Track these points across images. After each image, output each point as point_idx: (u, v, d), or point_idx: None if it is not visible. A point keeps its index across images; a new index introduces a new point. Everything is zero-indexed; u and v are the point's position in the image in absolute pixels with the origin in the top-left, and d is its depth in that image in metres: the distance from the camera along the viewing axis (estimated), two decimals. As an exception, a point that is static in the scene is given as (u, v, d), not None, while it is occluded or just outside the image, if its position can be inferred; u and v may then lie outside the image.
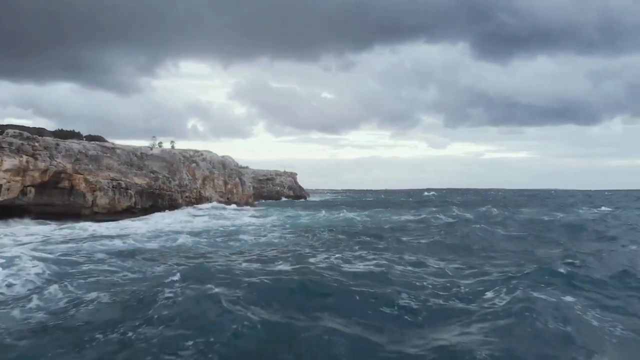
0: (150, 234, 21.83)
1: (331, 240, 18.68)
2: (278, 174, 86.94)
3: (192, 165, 38.75)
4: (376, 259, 13.46)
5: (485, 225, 23.69)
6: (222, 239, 19.98)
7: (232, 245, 18.08)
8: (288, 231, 23.05)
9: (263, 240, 19.41)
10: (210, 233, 22.14)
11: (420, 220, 28.95)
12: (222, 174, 40.13)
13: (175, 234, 20.84)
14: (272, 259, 13.78)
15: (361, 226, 26.07)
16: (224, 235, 21.09)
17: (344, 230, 22.18)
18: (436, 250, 16.33)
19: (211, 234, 21.64)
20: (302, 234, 21.09)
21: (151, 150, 36.97)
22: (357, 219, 30.51)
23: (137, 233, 22.18)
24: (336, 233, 20.81)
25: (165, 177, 36.88)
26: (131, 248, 16.82)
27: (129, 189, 34.53)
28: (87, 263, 13.33)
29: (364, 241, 18.16)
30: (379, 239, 18.94)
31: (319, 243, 17.91)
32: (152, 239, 19.71)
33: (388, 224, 27.00)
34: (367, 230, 23.02)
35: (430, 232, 22.54)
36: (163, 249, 17.06)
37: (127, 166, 35.42)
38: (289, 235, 21.01)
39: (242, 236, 20.24)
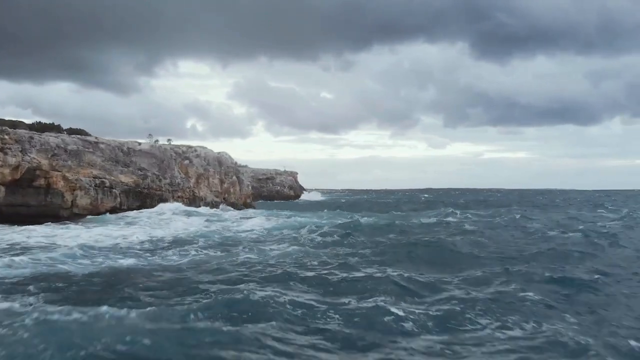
0: (82, 252, 14.82)
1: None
2: (278, 173, 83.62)
3: (185, 162, 35.28)
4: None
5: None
6: (219, 251, 16.37)
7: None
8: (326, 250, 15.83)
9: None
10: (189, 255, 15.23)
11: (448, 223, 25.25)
12: (218, 172, 36.68)
13: (121, 255, 14.78)
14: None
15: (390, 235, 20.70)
16: (222, 246, 17.43)
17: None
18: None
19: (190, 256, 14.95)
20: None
21: (139, 145, 33.49)
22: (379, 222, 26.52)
23: (66, 245, 16.20)
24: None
25: (155, 175, 33.41)
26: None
27: (113, 188, 31.05)
28: None
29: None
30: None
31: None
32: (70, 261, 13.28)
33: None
34: (396, 228, 19.60)
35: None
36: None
37: (112, 163, 31.94)
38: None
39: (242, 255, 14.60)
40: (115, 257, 14.38)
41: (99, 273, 11.72)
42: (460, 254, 14.64)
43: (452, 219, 26.81)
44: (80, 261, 13.35)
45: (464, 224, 24.51)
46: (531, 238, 18.80)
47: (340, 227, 22.23)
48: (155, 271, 12.09)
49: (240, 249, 16.13)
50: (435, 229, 22.43)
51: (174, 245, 17.32)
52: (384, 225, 23.52)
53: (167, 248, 16.60)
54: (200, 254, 15.15)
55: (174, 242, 18.19)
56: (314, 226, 22.59)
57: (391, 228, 22.19)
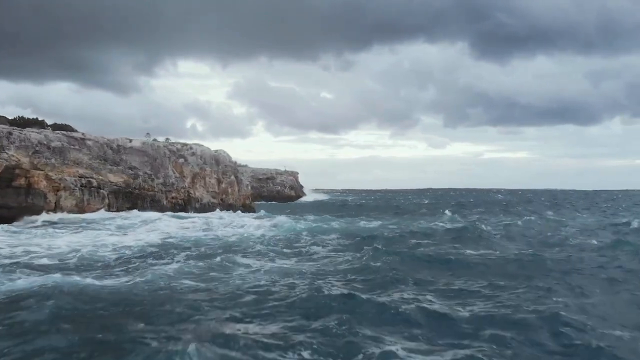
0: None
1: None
2: (279, 173, 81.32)
3: (179, 160, 32.95)
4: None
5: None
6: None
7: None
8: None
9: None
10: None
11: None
12: (215, 171, 34.34)
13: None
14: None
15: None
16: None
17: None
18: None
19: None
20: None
21: (130, 142, 31.16)
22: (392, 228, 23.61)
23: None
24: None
25: (147, 175, 31.10)
26: None
27: (101, 188, 28.73)
28: None
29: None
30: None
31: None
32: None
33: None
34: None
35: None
36: None
37: (101, 161, 29.63)
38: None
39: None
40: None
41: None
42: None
43: (485, 227, 23.44)
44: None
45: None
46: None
47: (354, 237, 19.50)
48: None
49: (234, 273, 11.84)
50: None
51: (138, 260, 13.93)
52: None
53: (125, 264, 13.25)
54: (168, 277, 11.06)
55: (143, 256, 14.72)
56: (334, 235, 19.62)
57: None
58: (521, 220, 28.05)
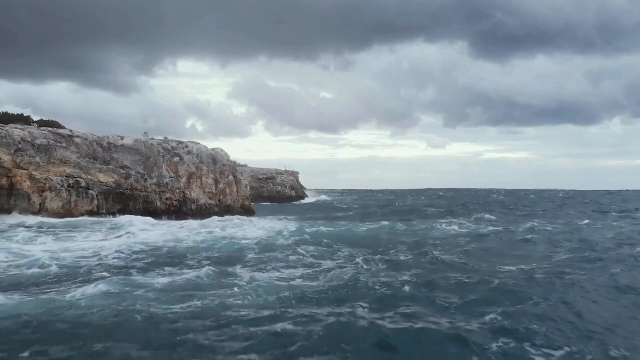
0: None
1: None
2: (279, 173, 79.49)
3: (174, 159, 31.08)
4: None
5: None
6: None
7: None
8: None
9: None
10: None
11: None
12: (212, 171, 32.46)
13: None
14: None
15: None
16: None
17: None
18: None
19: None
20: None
21: (122, 140, 29.30)
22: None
23: None
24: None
25: (140, 174, 29.24)
26: None
27: (90, 189, 26.88)
28: None
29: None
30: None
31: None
32: None
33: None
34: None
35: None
36: None
37: (90, 160, 27.78)
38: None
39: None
40: None
41: None
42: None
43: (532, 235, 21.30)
44: None
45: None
46: None
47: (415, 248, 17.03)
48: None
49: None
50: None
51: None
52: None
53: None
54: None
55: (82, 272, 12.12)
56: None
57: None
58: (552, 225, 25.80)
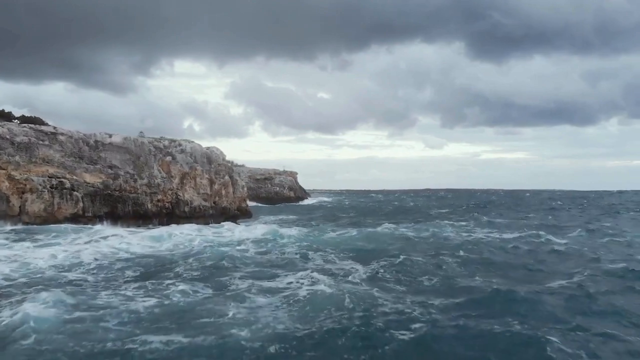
0: None
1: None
2: (277, 173, 77.71)
3: (166, 158, 29.27)
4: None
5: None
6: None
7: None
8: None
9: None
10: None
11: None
12: (206, 171, 30.67)
13: None
14: None
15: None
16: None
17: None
18: None
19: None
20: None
21: (110, 137, 27.47)
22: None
23: None
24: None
25: (129, 174, 27.44)
26: None
27: (75, 190, 25.06)
28: None
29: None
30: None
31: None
32: None
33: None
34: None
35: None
36: None
37: (75, 159, 25.97)
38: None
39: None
40: None
41: None
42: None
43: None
44: None
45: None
46: None
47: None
48: None
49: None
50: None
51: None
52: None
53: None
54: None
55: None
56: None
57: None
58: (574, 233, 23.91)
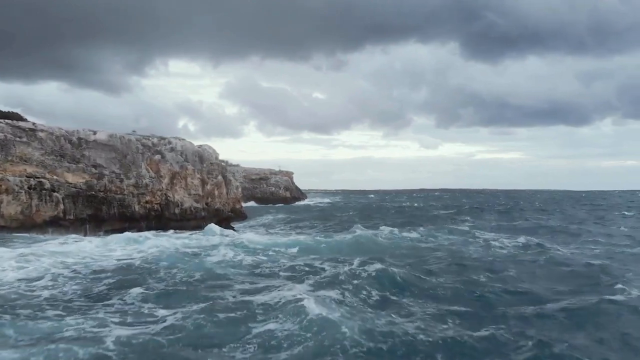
0: None
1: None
2: (273, 173, 76.02)
3: (155, 157, 27.49)
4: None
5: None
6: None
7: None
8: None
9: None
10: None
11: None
12: (198, 170, 28.91)
13: None
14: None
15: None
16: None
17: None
18: None
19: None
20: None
21: (94, 134, 25.65)
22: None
23: None
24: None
25: (115, 174, 25.64)
26: None
27: (55, 191, 23.25)
28: None
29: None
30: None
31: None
32: None
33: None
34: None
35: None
36: None
37: (56, 157, 24.14)
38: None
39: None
40: None
41: None
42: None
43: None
44: None
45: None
46: None
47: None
48: None
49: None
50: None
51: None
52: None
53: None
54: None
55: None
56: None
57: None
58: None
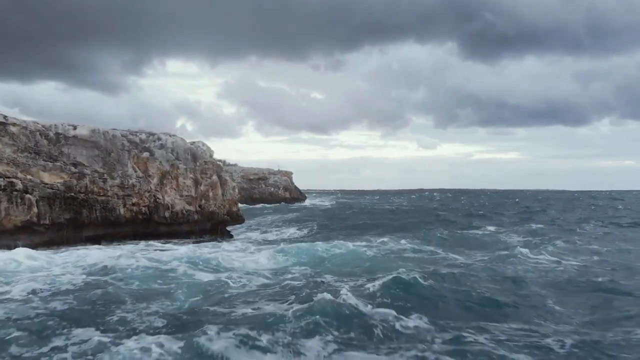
0: None
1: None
2: (272, 173, 73.49)
3: (143, 154, 24.94)
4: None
5: None
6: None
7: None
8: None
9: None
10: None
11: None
12: (191, 169, 26.37)
13: None
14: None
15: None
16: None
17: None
18: None
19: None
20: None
21: (74, 129, 23.09)
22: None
23: None
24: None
25: (98, 173, 23.10)
26: None
27: (28, 192, 20.68)
28: None
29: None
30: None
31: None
32: None
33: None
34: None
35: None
36: None
37: (30, 154, 21.57)
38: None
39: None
40: None
41: None
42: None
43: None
44: None
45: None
46: None
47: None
48: None
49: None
50: None
51: None
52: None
53: None
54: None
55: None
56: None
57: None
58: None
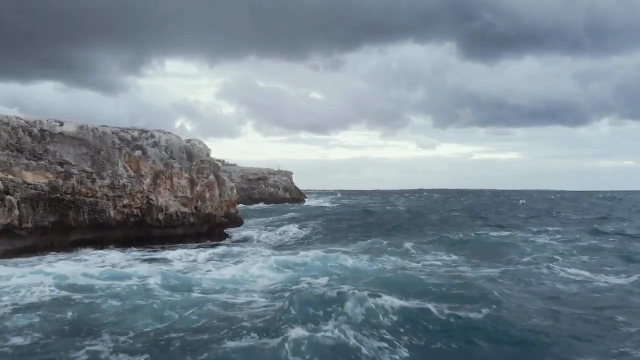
0: None
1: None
2: (272, 173, 72.00)
3: (135, 153, 23.41)
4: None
5: None
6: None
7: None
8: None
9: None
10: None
11: None
12: (186, 169, 24.84)
13: None
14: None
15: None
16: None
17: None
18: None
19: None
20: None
21: (61, 126, 21.56)
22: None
23: None
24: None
25: (86, 173, 21.57)
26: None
27: (9, 193, 19.15)
28: None
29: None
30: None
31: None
32: None
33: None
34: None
35: None
36: None
37: (12, 152, 20.05)
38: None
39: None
40: None
41: None
42: None
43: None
44: None
45: None
46: None
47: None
48: None
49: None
50: None
51: None
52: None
53: None
54: None
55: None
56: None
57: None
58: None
